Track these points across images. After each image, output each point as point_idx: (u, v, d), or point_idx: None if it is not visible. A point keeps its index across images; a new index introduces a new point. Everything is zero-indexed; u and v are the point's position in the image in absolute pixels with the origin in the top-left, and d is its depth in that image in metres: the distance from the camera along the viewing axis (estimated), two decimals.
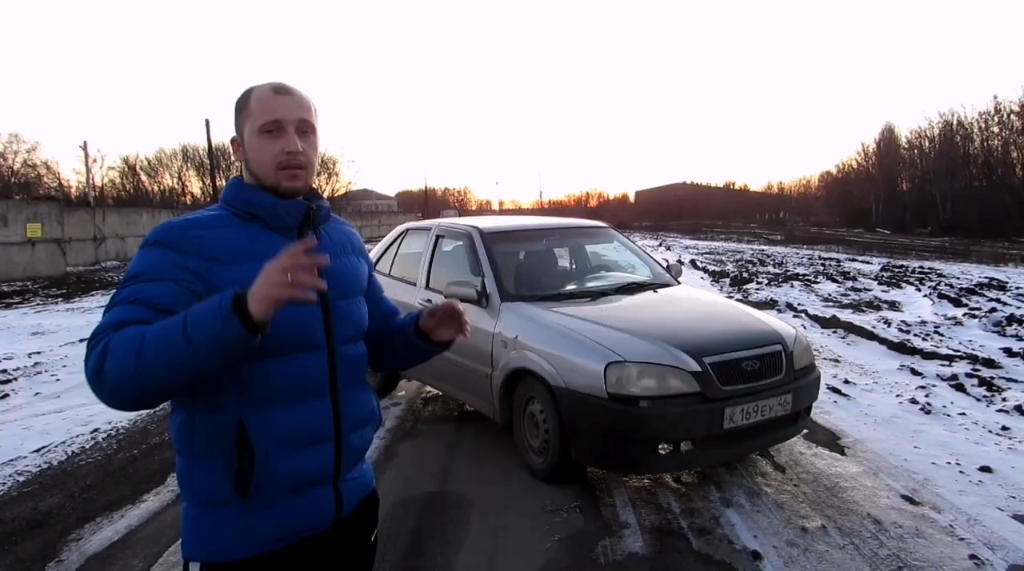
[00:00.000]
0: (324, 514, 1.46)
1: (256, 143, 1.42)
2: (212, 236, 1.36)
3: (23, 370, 7.21)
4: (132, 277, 1.31)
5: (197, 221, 1.39)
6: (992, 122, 45.21)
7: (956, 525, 3.46)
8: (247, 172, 1.47)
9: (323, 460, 1.43)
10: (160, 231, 1.37)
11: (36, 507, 3.87)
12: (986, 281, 14.35)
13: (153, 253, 1.33)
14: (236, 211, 1.43)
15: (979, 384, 6.05)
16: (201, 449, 1.36)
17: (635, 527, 3.50)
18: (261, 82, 1.46)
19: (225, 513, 1.37)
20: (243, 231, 1.40)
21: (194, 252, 1.32)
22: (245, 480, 1.34)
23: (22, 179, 44.99)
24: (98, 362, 1.17)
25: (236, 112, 1.47)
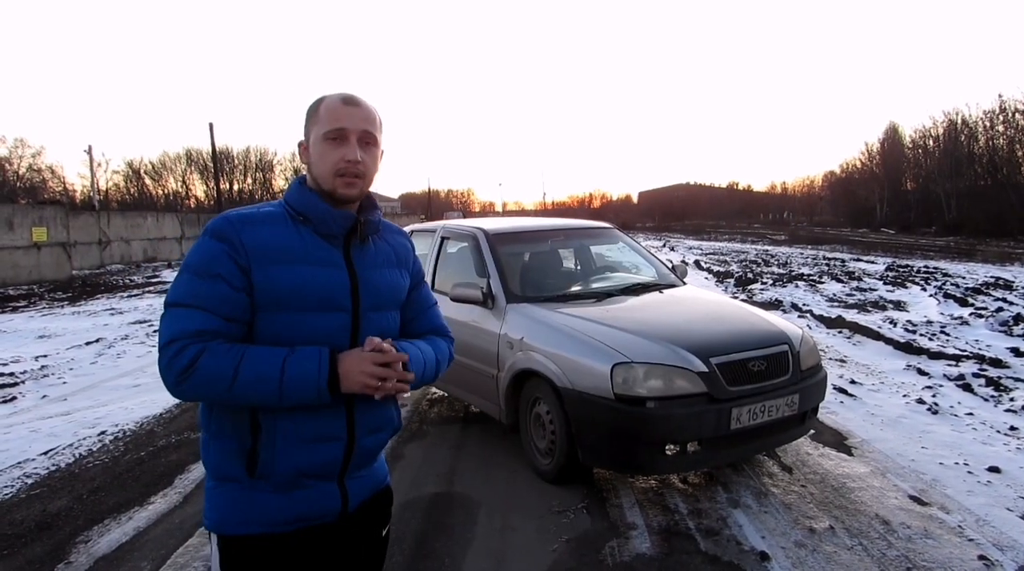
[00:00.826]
0: (328, 507, 1.52)
1: (319, 149, 1.49)
2: (262, 234, 1.44)
3: (30, 373, 7.24)
4: (190, 266, 1.42)
5: (252, 216, 1.47)
6: (997, 121, 45.12)
7: (965, 526, 3.45)
8: (309, 175, 1.54)
9: (330, 457, 1.50)
10: (217, 222, 1.45)
11: (44, 509, 3.88)
12: (992, 280, 14.30)
13: (209, 245, 1.42)
14: (292, 211, 1.51)
15: (986, 384, 6.03)
16: (217, 429, 1.46)
17: (642, 528, 3.49)
18: (333, 91, 1.54)
19: (235, 489, 1.47)
20: (293, 232, 1.48)
21: (241, 247, 1.41)
22: (253, 461, 1.44)
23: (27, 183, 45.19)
24: (184, 372, 1.33)
25: (307, 117, 1.53)
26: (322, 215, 1.50)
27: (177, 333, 1.36)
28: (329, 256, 1.50)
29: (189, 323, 1.37)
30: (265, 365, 1.36)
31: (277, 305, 1.43)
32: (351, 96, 1.51)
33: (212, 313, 1.38)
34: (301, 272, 1.45)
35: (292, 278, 1.44)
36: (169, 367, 1.35)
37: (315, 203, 1.50)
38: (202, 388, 1.35)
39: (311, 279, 1.46)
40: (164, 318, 1.41)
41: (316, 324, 1.46)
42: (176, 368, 1.34)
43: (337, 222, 1.51)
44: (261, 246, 1.43)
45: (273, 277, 1.43)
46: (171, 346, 1.35)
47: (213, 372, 1.34)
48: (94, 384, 6.79)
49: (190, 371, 1.33)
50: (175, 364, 1.34)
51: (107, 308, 12.84)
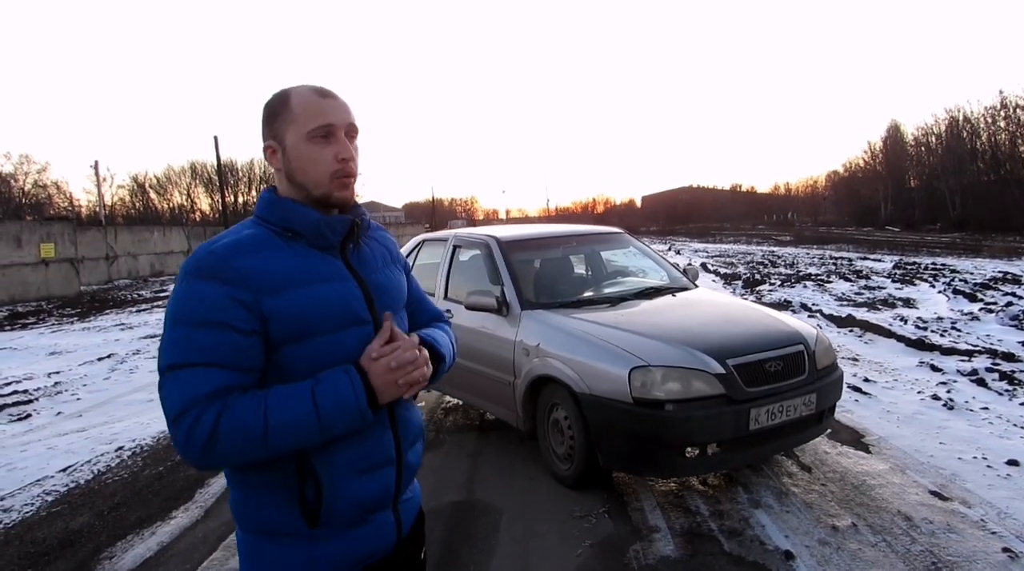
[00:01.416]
0: (387, 538, 1.43)
1: (305, 150, 1.33)
2: (257, 263, 1.27)
3: (43, 390, 7.28)
4: (185, 319, 1.22)
5: (238, 245, 1.28)
6: (999, 117, 45.04)
7: (987, 519, 3.45)
8: (285, 182, 1.37)
9: (387, 483, 1.40)
10: (202, 260, 1.25)
11: (67, 526, 3.90)
12: (1000, 275, 14.26)
13: (200, 288, 1.23)
14: (275, 229, 1.34)
15: (1000, 378, 6.01)
16: (258, 480, 1.31)
17: (665, 531, 3.50)
18: (295, 85, 1.37)
19: (289, 544, 1.32)
20: (287, 252, 1.31)
21: (241, 283, 1.24)
22: (314, 510, 1.30)
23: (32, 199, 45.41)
24: (208, 442, 1.16)
25: (270, 115, 1.36)
26: (316, 227, 1.34)
27: (188, 400, 1.17)
28: (333, 269, 1.36)
29: (201, 385, 1.18)
30: (295, 405, 1.21)
31: (299, 335, 1.28)
32: (325, 88, 1.37)
33: (225, 367, 1.21)
34: (314, 293, 1.30)
35: (307, 302, 1.29)
36: (188, 443, 1.17)
37: (305, 214, 1.34)
38: (233, 453, 1.19)
39: (326, 298, 1.32)
40: (165, 385, 1.21)
41: (342, 344, 1.31)
42: (197, 442, 1.16)
43: (335, 230, 1.36)
44: (262, 275, 1.26)
45: (286, 306, 1.27)
46: (184, 418, 1.17)
47: (240, 433, 1.17)
48: (108, 400, 6.82)
49: (213, 441, 1.16)
50: (194, 438, 1.16)
51: (117, 323, 12.90)
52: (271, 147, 1.37)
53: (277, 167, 1.37)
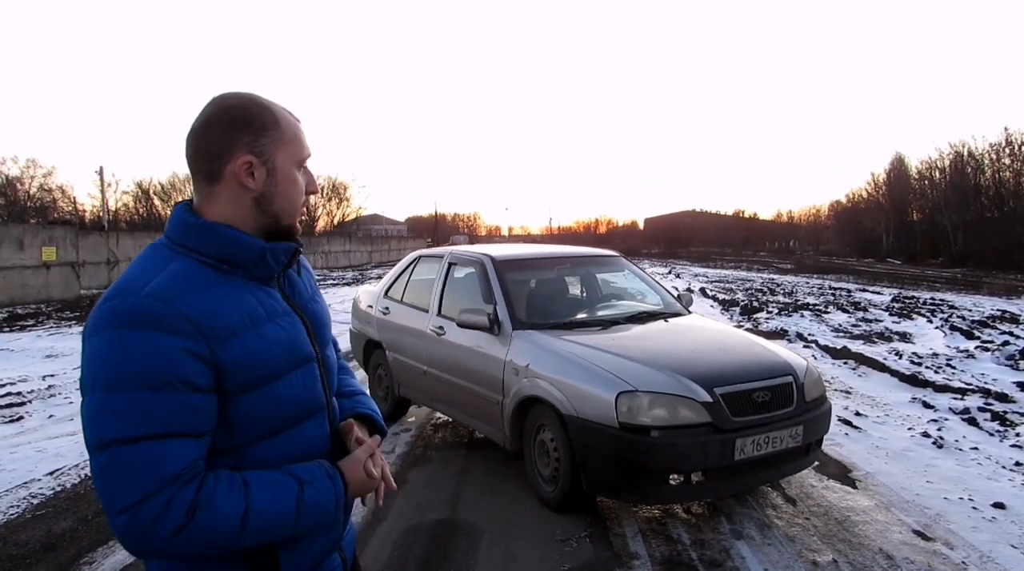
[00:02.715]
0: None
1: (293, 178, 1.22)
2: (201, 306, 1.09)
3: (37, 393, 7.28)
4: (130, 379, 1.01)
5: (175, 287, 1.09)
6: (1003, 153, 45.18)
7: (969, 562, 3.44)
8: (246, 206, 1.19)
9: (333, 533, 1.33)
10: (137, 305, 1.05)
11: (50, 530, 3.90)
12: (998, 314, 14.26)
13: (142, 339, 1.02)
14: (207, 260, 1.16)
15: (992, 418, 6.01)
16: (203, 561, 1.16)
17: (645, 558, 3.49)
18: (269, 100, 1.23)
19: None
20: (226, 289, 1.15)
21: (192, 332, 1.06)
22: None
23: (38, 203, 45.57)
24: (176, 533, 1.01)
25: (257, 129, 1.18)
26: (260, 256, 1.18)
27: (154, 482, 0.99)
28: (274, 304, 1.22)
29: (164, 463, 1.01)
30: (278, 508, 1.11)
31: (254, 383, 1.13)
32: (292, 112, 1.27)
33: (186, 436, 1.04)
34: (264, 334, 1.16)
35: (259, 346, 1.14)
36: (150, 533, 0.99)
37: (247, 242, 1.17)
38: (198, 545, 1.04)
39: (276, 338, 1.18)
40: (112, 465, 1.00)
41: (292, 386, 1.20)
42: (161, 533, 0.99)
43: (278, 259, 1.22)
44: (213, 319, 1.09)
45: (239, 354, 1.11)
46: (148, 505, 0.99)
47: (216, 527, 1.04)
48: None
49: (182, 533, 1.01)
50: (159, 528, 0.99)
51: None
52: (249, 162, 1.16)
53: (249, 186, 1.18)
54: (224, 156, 1.16)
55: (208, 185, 1.19)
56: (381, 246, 56.13)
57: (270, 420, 1.18)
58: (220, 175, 1.17)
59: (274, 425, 1.18)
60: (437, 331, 5.11)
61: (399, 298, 5.92)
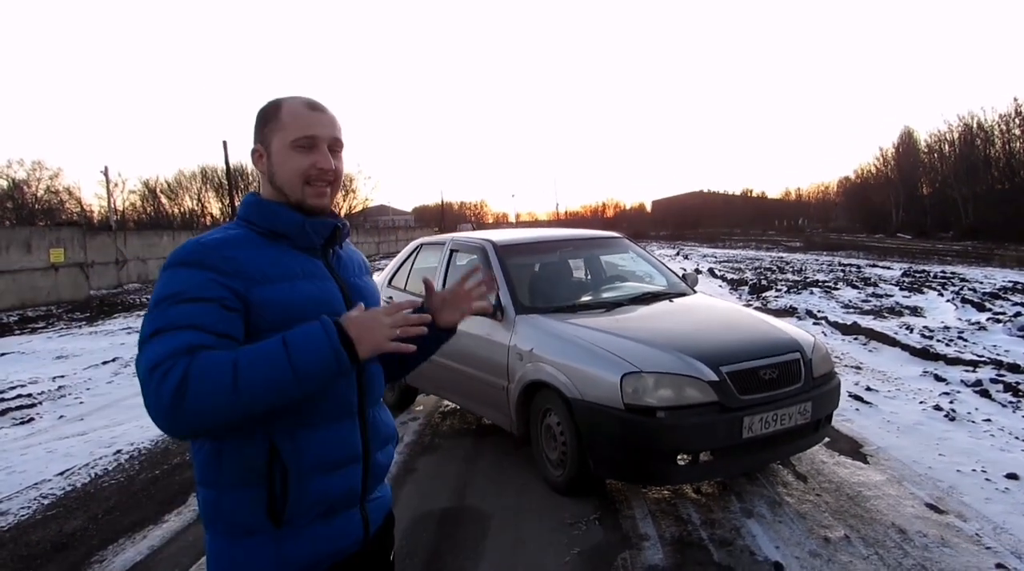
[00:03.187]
0: (353, 536, 1.44)
1: (287, 156, 1.39)
2: (246, 255, 1.32)
3: (47, 394, 7.32)
4: (170, 297, 1.24)
5: (227, 241, 1.33)
6: (1013, 124, 44.67)
7: (983, 534, 3.40)
8: (268, 185, 1.44)
9: (353, 481, 1.41)
10: (192, 250, 1.29)
11: (61, 529, 3.91)
12: (1010, 285, 14.13)
13: (190, 274, 1.26)
14: (259, 230, 1.39)
15: (1004, 389, 5.95)
16: (231, 478, 1.31)
17: (655, 539, 3.47)
18: (289, 95, 1.44)
19: (257, 544, 1.32)
20: (271, 251, 1.37)
21: (229, 271, 1.27)
22: (279, 508, 1.31)
23: (45, 205, 45.82)
24: (177, 390, 1.13)
25: (261, 121, 1.43)
26: (300, 227, 1.40)
27: (161, 356, 1.16)
28: (316, 268, 1.41)
29: (177, 341, 1.18)
30: (265, 348, 1.20)
31: (283, 322, 1.27)
32: (315, 101, 1.43)
33: (202, 330, 1.21)
34: (297, 287, 1.35)
35: (290, 294, 1.33)
36: (159, 393, 1.14)
37: (288, 215, 1.40)
38: (204, 401, 1.14)
39: (308, 293, 1.35)
40: (142, 352, 1.21)
41: None
42: (167, 390, 1.13)
43: (318, 232, 1.42)
44: (249, 265, 1.31)
45: (270, 296, 1.30)
46: (155, 372, 1.15)
47: (209, 375, 1.14)
48: (110, 403, 6.85)
49: (183, 390, 1.13)
50: (165, 387, 1.13)
51: (124, 327, 12.96)
52: (258, 151, 1.43)
53: (262, 170, 1.44)
54: (252, 149, 1.45)
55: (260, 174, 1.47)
56: (388, 237, 56.15)
57: None
58: (255, 164, 1.46)
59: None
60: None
61: (402, 287, 5.90)
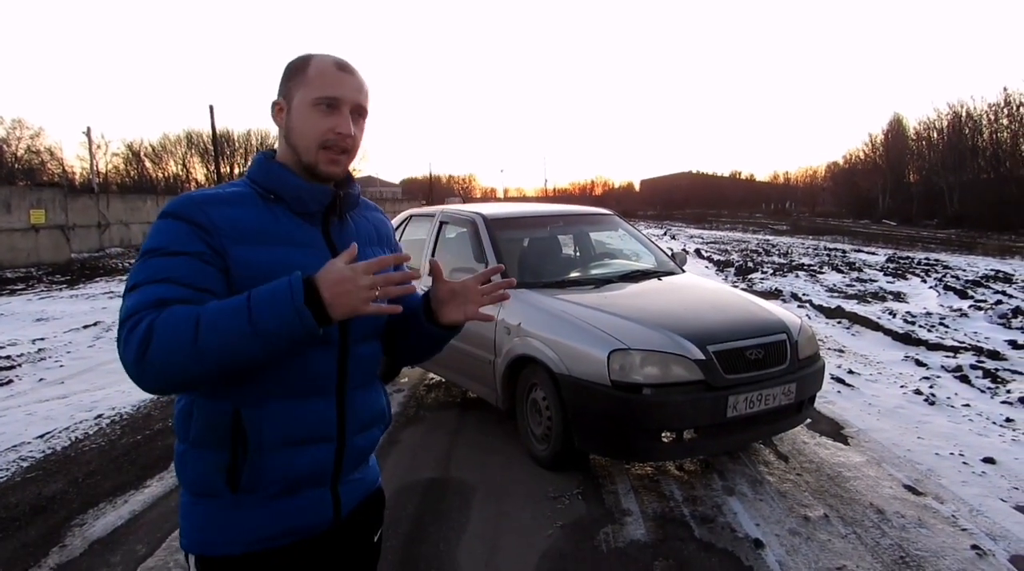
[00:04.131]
0: (320, 516, 1.39)
1: (305, 114, 1.33)
2: (231, 214, 1.28)
3: (27, 356, 7.23)
4: (153, 250, 1.23)
5: (217, 197, 1.30)
6: (1002, 114, 44.78)
7: (959, 515, 3.45)
8: (283, 142, 1.38)
9: (321, 461, 1.35)
10: (179, 203, 1.28)
11: (40, 492, 3.88)
12: (992, 273, 14.28)
13: (172, 226, 1.25)
14: (260, 190, 1.35)
15: (984, 376, 6.02)
16: (196, 437, 1.30)
17: (637, 514, 3.50)
18: (322, 52, 1.38)
19: (216, 505, 1.31)
20: (264, 212, 1.32)
21: (209, 228, 1.25)
22: (236, 473, 1.28)
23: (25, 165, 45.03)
24: (142, 342, 1.11)
25: (287, 75, 1.36)
26: (296, 191, 1.34)
27: (134, 307, 1.17)
28: (308, 237, 1.35)
29: (149, 295, 1.17)
30: (228, 303, 1.15)
31: (254, 284, 1.20)
32: (345, 62, 1.36)
33: (178, 284, 1.19)
34: (281, 254, 1.29)
35: (272, 260, 1.27)
36: (127, 345, 1.13)
37: (287, 178, 1.35)
38: (165, 355, 1.11)
39: (291, 260, 1.26)
40: (123, 303, 1.21)
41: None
42: (134, 342, 1.12)
43: (314, 198, 1.35)
44: (232, 227, 1.27)
45: (250, 258, 1.26)
46: (126, 324, 1.15)
47: (171, 330, 1.11)
48: (91, 367, 6.79)
49: (148, 339, 1.11)
50: (132, 339, 1.12)
51: (106, 291, 12.84)
52: (279, 105, 1.37)
53: (279, 125, 1.38)
54: (274, 101, 1.39)
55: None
56: None
57: None
58: (274, 118, 1.39)
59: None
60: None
61: None
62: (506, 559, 3.10)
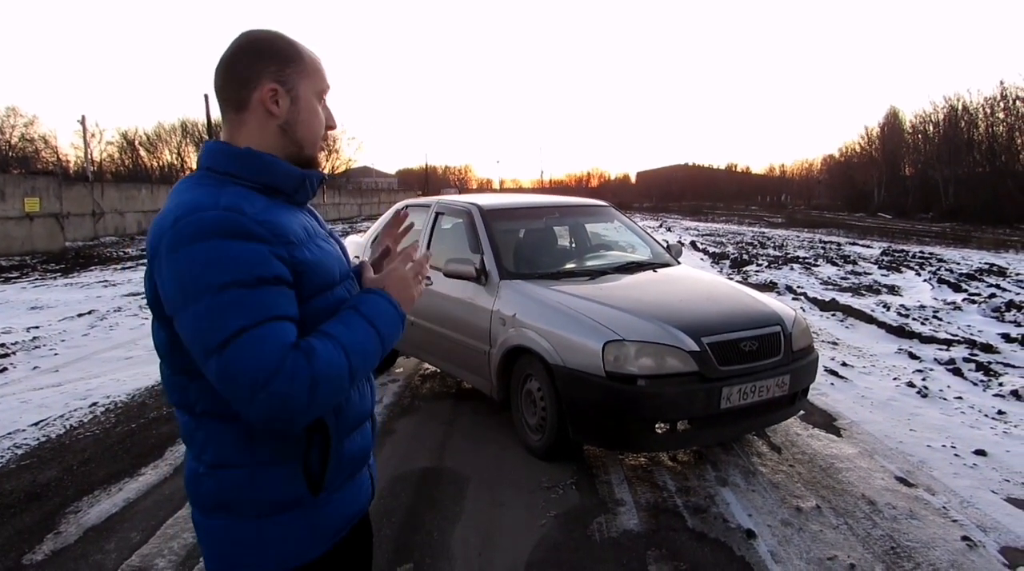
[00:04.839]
0: (366, 495, 1.42)
1: (313, 107, 1.30)
2: (272, 218, 1.18)
3: (21, 344, 7.22)
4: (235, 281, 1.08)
5: (247, 201, 1.17)
6: (998, 107, 44.86)
7: (950, 507, 3.48)
8: (276, 133, 1.26)
9: (368, 437, 1.41)
10: (220, 218, 1.11)
11: (35, 480, 3.88)
12: (986, 267, 14.33)
13: (234, 247, 1.10)
14: (252, 185, 1.22)
15: (976, 369, 6.05)
16: (267, 455, 1.21)
17: (630, 505, 3.51)
18: (293, 37, 1.30)
19: (290, 518, 1.24)
20: (280, 208, 1.24)
21: (272, 238, 1.15)
22: (317, 476, 1.24)
23: (19, 153, 44.77)
24: (310, 390, 1.09)
25: (282, 59, 1.25)
26: (300, 182, 1.29)
27: (279, 353, 1.07)
28: (316, 226, 1.36)
29: (284, 336, 1.10)
30: (356, 329, 1.20)
31: (321, 286, 1.24)
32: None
33: (286, 320, 1.13)
34: (323, 247, 1.30)
35: (322, 255, 1.27)
36: (291, 394, 1.07)
37: (287, 169, 1.26)
38: (331, 395, 1.13)
39: (331, 251, 1.32)
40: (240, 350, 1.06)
41: (341, 298, 1.30)
42: (301, 391, 1.08)
43: (314, 185, 1.33)
44: (285, 229, 1.19)
45: (310, 258, 1.22)
46: (282, 372, 1.06)
47: (334, 370, 1.13)
48: (86, 356, 6.78)
49: (315, 384, 1.09)
50: (297, 388, 1.07)
51: (100, 280, 12.80)
52: (274, 90, 1.23)
53: (276, 114, 1.25)
54: (251, 83, 1.23)
55: (237, 114, 1.26)
56: (371, 199, 55.62)
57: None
58: (248, 102, 1.24)
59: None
60: (424, 281, 5.06)
61: None
62: (500, 548, 3.12)
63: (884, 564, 2.96)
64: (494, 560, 3.02)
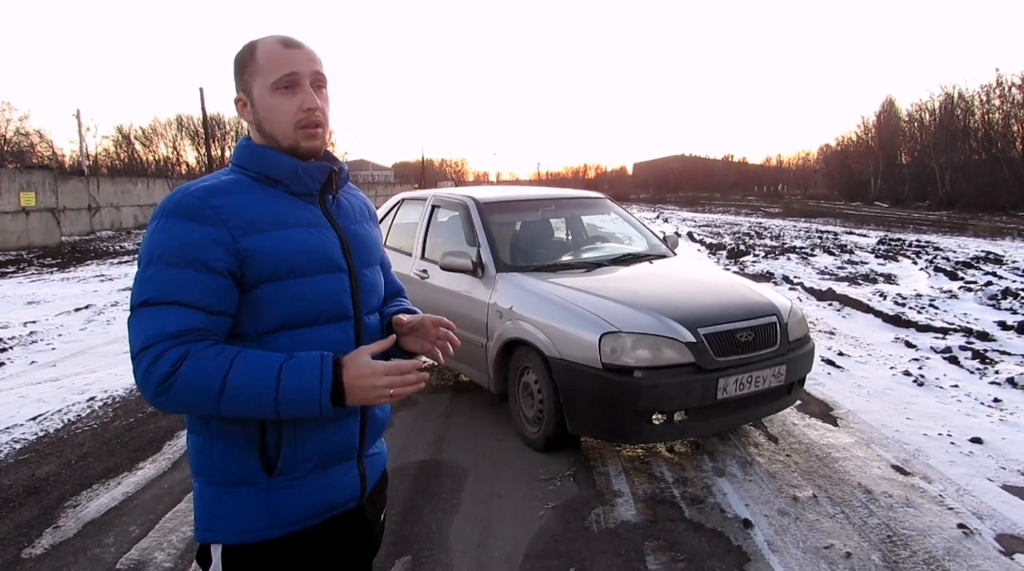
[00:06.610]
0: (350, 491, 1.43)
1: (270, 101, 1.32)
2: (236, 203, 1.27)
3: (19, 339, 7.21)
4: (159, 258, 1.21)
5: (216, 188, 1.29)
6: (993, 95, 44.87)
7: (946, 495, 3.50)
8: (257, 133, 1.37)
9: (349, 434, 1.40)
10: (180, 200, 1.25)
11: (33, 474, 3.89)
12: (982, 255, 14.35)
13: (176, 227, 1.23)
14: (253, 175, 1.35)
15: (972, 357, 6.07)
16: (221, 425, 1.29)
17: (628, 496, 3.53)
18: (262, 36, 1.36)
19: (249, 492, 1.31)
20: (265, 196, 1.32)
21: (218, 222, 1.24)
22: (272, 457, 1.30)
23: (14, 148, 44.56)
24: (163, 381, 1.16)
25: (238, 69, 1.36)
26: (293, 173, 1.34)
27: (153, 336, 1.17)
28: (312, 216, 1.37)
29: (167, 323, 1.18)
30: (259, 373, 1.19)
31: (275, 275, 1.28)
32: (289, 37, 1.35)
33: (194, 307, 1.20)
34: (291, 235, 1.31)
35: (284, 243, 1.29)
36: (147, 377, 1.16)
37: (281, 160, 1.34)
38: (186, 398, 1.18)
39: (304, 242, 1.32)
40: (133, 321, 1.21)
41: (320, 288, 1.33)
42: (155, 377, 1.16)
43: (313, 176, 1.36)
44: (240, 216, 1.26)
45: (263, 245, 1.27)
46: (147, 352, 1.17)
47: (198, 381, 1.16)
48: (83, 350, 6.77)
49: (171, 379, 1.16)
50: (153, 373, 1.16)
51: (97, 274, 12.78)
52: (241, 100, 1.37)
53: (248, 119, 1.38)
54: (234, 98, 1.39)
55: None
56: (367, 192, 55.40)
57: (292, 313, 1.31)
58: (240, 114, 1.40)
59: (296, 319, 1.31)
60: (421, 274, 5.06)
61: (382, 242, 5.83)
62: (498, 540, 3.13)
63: (880, 552, 2.98)
64: (492, 552, 3.03)
